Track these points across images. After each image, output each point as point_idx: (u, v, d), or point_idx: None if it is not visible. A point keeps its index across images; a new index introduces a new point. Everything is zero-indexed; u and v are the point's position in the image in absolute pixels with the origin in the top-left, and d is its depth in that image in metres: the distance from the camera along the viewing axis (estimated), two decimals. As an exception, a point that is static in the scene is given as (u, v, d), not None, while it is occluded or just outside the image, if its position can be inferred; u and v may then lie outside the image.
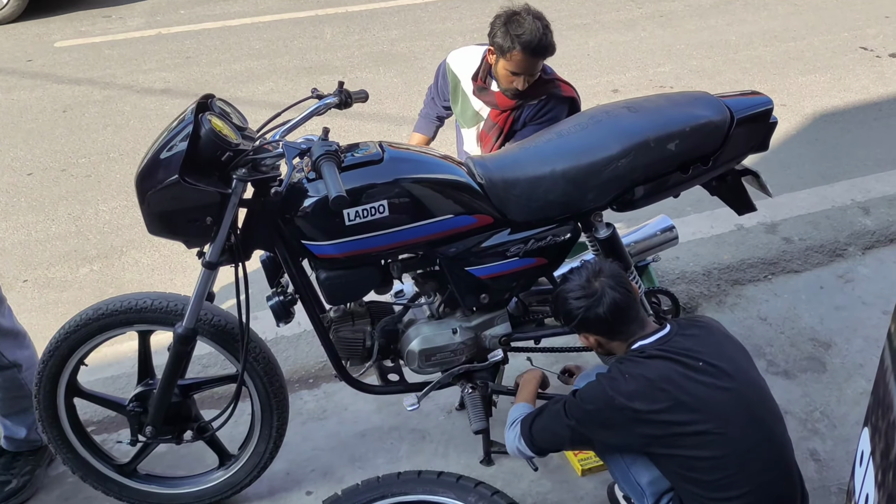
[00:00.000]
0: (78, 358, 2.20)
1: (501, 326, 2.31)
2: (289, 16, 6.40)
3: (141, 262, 3.61)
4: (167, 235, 2.00)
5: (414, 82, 5.22)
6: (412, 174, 2.05)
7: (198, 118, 1.88)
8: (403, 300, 2.36)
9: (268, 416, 2.30)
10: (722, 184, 2.43)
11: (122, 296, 2.18)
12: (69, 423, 2.29)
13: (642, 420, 1.86)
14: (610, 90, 5.07)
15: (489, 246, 2.16)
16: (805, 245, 3.61)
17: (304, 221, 2.00)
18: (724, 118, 2.22)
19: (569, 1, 6.60)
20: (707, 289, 3.39)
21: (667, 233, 2.71)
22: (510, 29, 2.50)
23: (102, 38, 6.05)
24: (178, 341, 2.07)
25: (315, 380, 2.92)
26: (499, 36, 2.54)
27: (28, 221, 3.91)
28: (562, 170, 2.13)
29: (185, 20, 6.39)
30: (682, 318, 2.40)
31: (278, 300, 2.16)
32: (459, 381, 2.35)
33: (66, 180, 4.24)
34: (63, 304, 3.34)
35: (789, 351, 3.03)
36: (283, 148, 1.88)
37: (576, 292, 1.99)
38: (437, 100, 3.00)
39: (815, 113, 4.76)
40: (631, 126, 2.18)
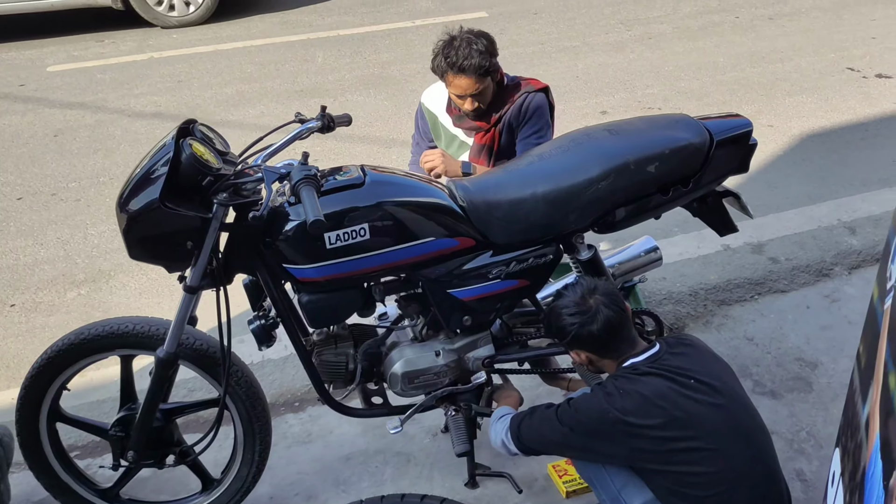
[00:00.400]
0: (60, 383, 2.20)
1: (485, 348, 2.32)
2: (281, 39, 6.45)
3: (129, 285, 3.61)
4: (148, 260, 2.01)
5: (404, 105, 5.25)
6: (393, 197, 2.06)
7: (179, 143, 1.90)
8: (387, 323, 2.37)
9: (250, 440, 2.29)
10: (703, 205, 2.45)
11: (104, 320, 2.18)
12: (51, 448, 2.28)
13: (636, 435, 1.88)
14: (598, 112, 5.10)
15: (471, 268, 2.18)
16: (791, 265, 3.62)
17: (285, 245, 2.01)
18: (704, 140, 2.24)
19: (558, 24, 6.65)
20: (694, 309, 3.39)
21: (651, 254, 2.72)
22: (444, 53, 2.57)
23: (95, 63, 6.09)
24: (160, 365, 2.07)
25: (301, 403, 2.91)
26: (436, 61, 2.61)
27: (17, 246, 3.92)
28: (542, 192, 2.15)
29: (178, 44, 6.43)
30: (669, 336, 2.41)
31: (260, 324, 2.16)
32: (443, 403, 2.35)
33: (56, 205, 4.25)
34: (50, 329, 3.34)
35: (776, 371, 3.03)
36: (262, 172, 1.89)
37: (570, 308, 2.01)
38: (423, 142, 3.02)
39: (802, 133, 4.80)
40: (611, 148, 2.20)
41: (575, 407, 1.98)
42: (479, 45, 2.55)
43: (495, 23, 6.71)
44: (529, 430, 2.05)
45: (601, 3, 7.10)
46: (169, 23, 6.70)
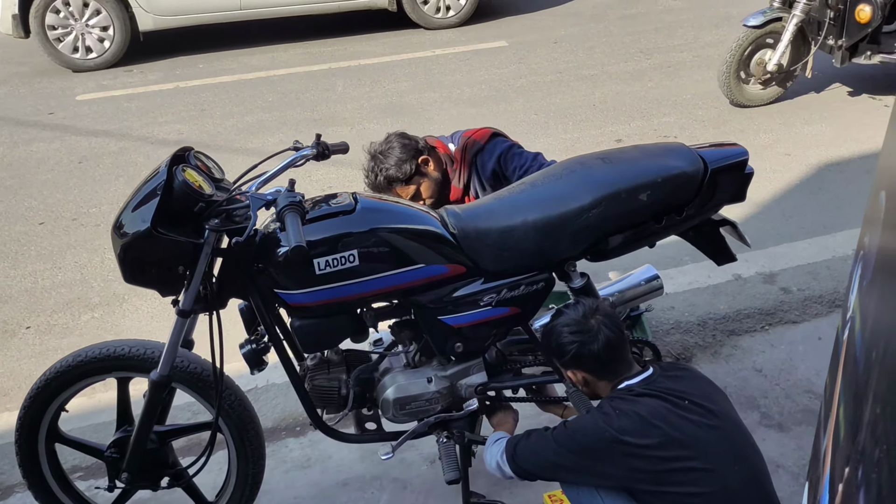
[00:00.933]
0: (58, 404, 2.24)
1: (477, 376, 2.31)
2: (303, 69, 6.57)
3: (141, 309, 3.67)
4: (142, 284, 2.06)
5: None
6: (384, 224, 2.08)
7: (171, 170, 1.94)
8: (381, 349, 2.38)
9: (243, 463, 2.31)
10: (699, 234, 2.43)
11: (101, 343, 2.22)
12: (49, 468, 2.32)
13: (634, 454, 1.87)
14: (613, 140, 5.10)
15: (462, 295, 2.18)
16: (804, 295, 3.57)
17: (275, 270, 2.04)
18: (698, 169, 2.24)
19: (578, 53, 6.69)
20: (702, 339, 3.35)
21: (652, 282, 2.72)
22: (367, 178, 2.77)
23: (122, 92, 6.25)
24: (153, 388, 2.10)
25: (302, 428, 2.93)
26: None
27: (36, 269, 4.02)
28: (533, 220, 2.15)
29: (203, 74, 6.59)
30: (662, 362, 2.40)
31: (250, 348, 2.19)
32: (435, 430, 2.35)
33: (76, 229, 4.36)
34: (62, 351, 3.38)
35: (784, 403, 2.97)
36: (249, 199, 1.93)
37: (571, 327, 2.01)
38: None
39: (820, 163, 4.74)
40: (603, 177, 2.21)
41: (571, 427, 1.98)
42: (388, 161, 2.68)
43: (515, 52, 6.78)
44: (525, 452, 2.04)
45: (621, 32, 7.13)
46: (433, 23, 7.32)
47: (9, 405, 3.14)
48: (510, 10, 8.01)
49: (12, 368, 3.35)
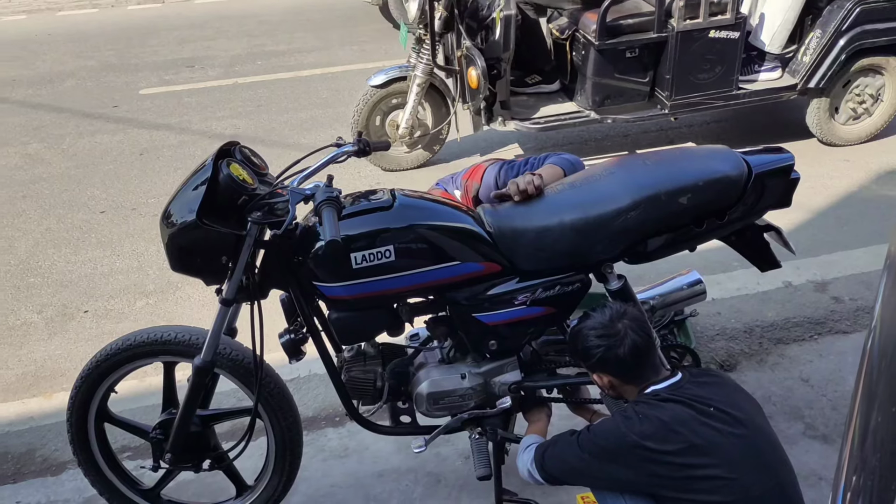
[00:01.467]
0: (108, 385, 2.34)
1: (511, 374, 2.33)
2: (358, 66, 6.65)
3: (193, 297, 3.79)
4: (187, 272, 2.13)
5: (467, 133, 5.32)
6: (421, 221, 2.11)
7: (217, 164, 2.01)
8: (416, 343, 2.42)
9: (281, 449, 2.37)
10: (742, 239, 2.40)
11: (150, 328, 2.31)
12: (99, 447, 2.42)
13: (654, 460, 1.87)
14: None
15: (497, 293, 2.20)
16: (856, 305, 3.48)
17: (314, 263, 2.09)
18: (742, 173, 2.21)
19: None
20: (748, 346, 3.30)
21: (694, 287, 2.69)
22: None
23: (184, 87, 6.43)
24: (196, 373, 2.18)
25: (341, 418, 2.98)
26: None
27: (95, 256, 4.18)
28: (570, 220, 2.15)
29: (261, 70, 6.73)
30: (692, 368, 2.37)
31: (289, 338, 2.24)
32: (468, 426, 2.37)
33: (135, 219, 4.51)
34: (117, 335, 3.42)
35: (830, 415, 2.91)
36: (288, 193, 1.98)
37: (598, 330, 2.01)
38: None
39: (881, 169, 4.61)
40: (643, 178, 2.19)
41: (594, 432, 1.99)
42: None
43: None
44: (552, 459, 2.06)
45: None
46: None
47: (65, 385, 3.27)
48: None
49: (70, 350, 3.50)
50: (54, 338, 3.59)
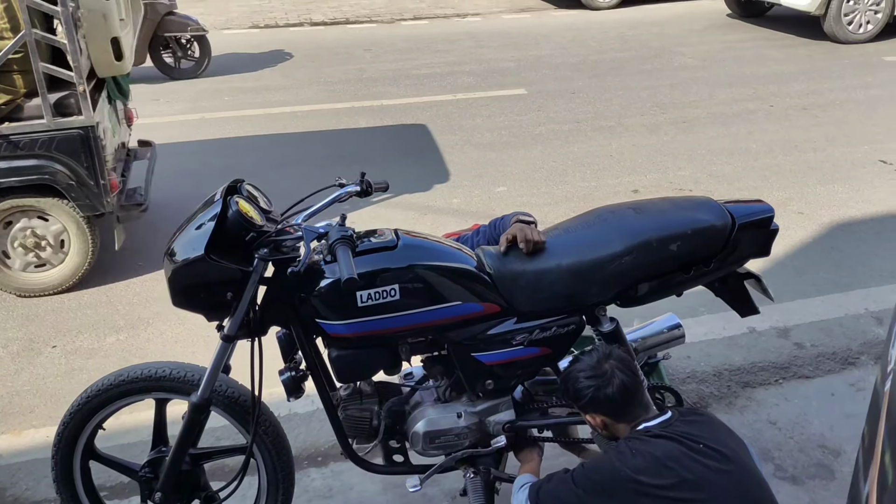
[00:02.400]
0: (97, 422, 2.30)
1: (506, 413, 2.37)
2: (327, 106, 6.72)
3: (166, 333, 3.74)
4: (189, 308, 2.13)
5: (440, 174, 5.43)
6: (424, 261, 2.16)
7: (226, 200, 2.03)
8: (412, 382, 2.44)
9: (273, 489, 2.36)
10: (725, 286, 2.51)
11: (143, 364, 2.29)
12: (83, 485, 2.36)
13: (648, 494, 1.92)
14: (630, 190, 5.21)
15: (495, 333, 2.25)
16: (817, 351, 3.63)
17: (318, 301, 2.11)
18: (726, 223, 2.32)
19: (595, 104, 6.84)
20: (717, 389, 3.41)
21: (674, 331, 2.78)
22: None
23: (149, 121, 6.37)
24: (193, 410, 2.16)
25: (324, 458, 2.97)
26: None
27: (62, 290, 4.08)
28: (567, 264, 2.23)
29: (229, 106, 6.74)
30: (681, 407, 2.45)
31: (290, 375, 2.25)
32: (462, 465, 2.40)
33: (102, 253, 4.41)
34: (87, 371, 3.46)
35: (798, 456, 3.02)
36: (302, 231, 2.01)
37: (587, 372, 2.09)
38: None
39: (833, 222, 4.84)
40: (635, 226, 2.29)
41: (588, 467, 2.05)
42: None
43: (534, 100, 6.93)
44: (547, 496, 2.09)
45: (637, 86, 7.29)
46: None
47: (34, 422, 3.18)
48: (531, 59, 8.20)
49: (38, 386, 3.41)
50: (21, 373, 3.49)
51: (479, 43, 8.87)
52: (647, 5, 10.53)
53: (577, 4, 10.44)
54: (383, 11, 10.50)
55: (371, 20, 10.10)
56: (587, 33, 9.26)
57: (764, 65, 7.92)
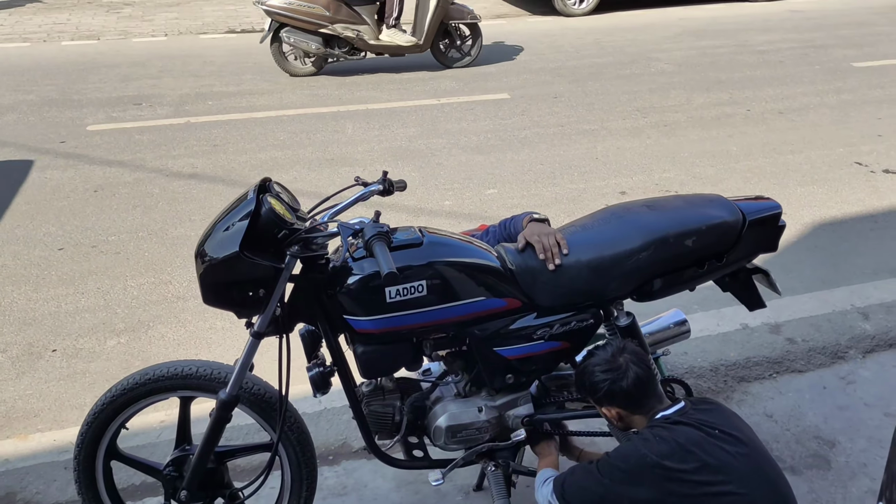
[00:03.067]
0: (121, 422, 2.29)
1: (524, 407, 2.42)
2: (312, 110, 6.73)
3: (167, 336, 3.72)
4: (221, 305, 2.14)
5: (430, 177, 5.47)
6: (449, 258, 2.21)
7: (259, 198, 2.05)
8: (430, 378, 2.48)
9: (297, 486, 2.37)
10: (734, 280, 2.60)
11: (168, 362, 2.29)
12: (105, 486, 2.36)
13: (673, 479, 1.99)
14: (618, 192, 5.30)
15: (517, 328, 2.30)
16: (808, 346, 3.74)
17: (346, 297, 2.14)
18: (737, 219, 2.41)
19: (578, 108, 6.94)
20: (714, 384, 3.50)
21: (679, 326, 2.85)
22: None
23: (133, 124, 6.34)
24: (221, 407, 2.17)
25: (335, 457, 2.99)
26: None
27: (58, 294, 4.05)
28: (587, 260, 2.29)
29: (213, 111, 6.71)
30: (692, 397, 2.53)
31: (318, 371, 2.27)
32: (482, 459, 2.44)
33: (97, 256, 4.40)
34: (91, 375, 3.44)
35: (795, 448, 3.11)
36: (338, 228, 2.04)
37: (602, 366, 2.16)
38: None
39: (814, 222, 4.98)
40: (652, 222, 2.36)
41: (613, 456, 2.11)
42: None
43: (517, 104, 7.01)
44: (572, 487, 2.15)
45: (618, 90, 7.41)
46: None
47: (40, 426, 3.16)
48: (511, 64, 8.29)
49: (41, 390, 3.38)
50: (23, 377, 3.45)
51: (458, 48, 8.92)
52: (621, 12, 10.69)
53: (551, 11, 10.56)
54: (361, 16, 10.50)
55: (349, 25, 10.09)
56: (564, 39, 9.38)
57: (738, 70, 8.10)
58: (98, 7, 10.71)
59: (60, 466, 2.86)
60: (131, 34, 9.38)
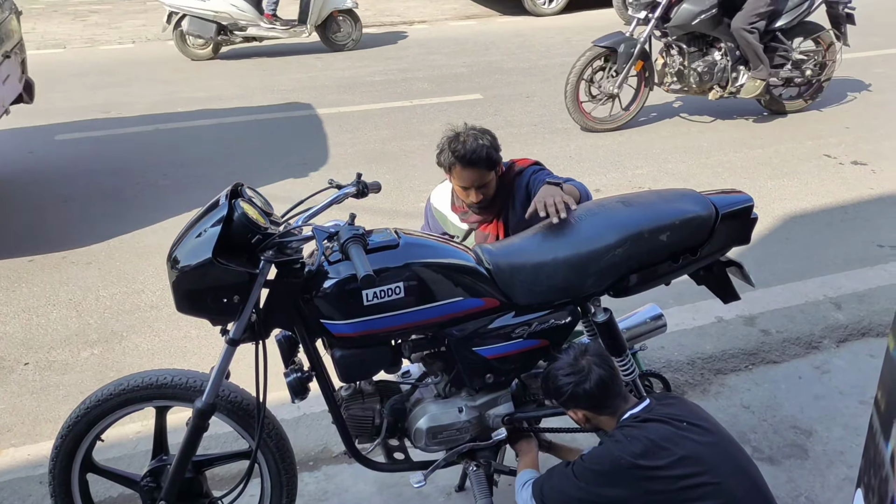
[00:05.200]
0: (96, 433, 2.26)
1: (504, 406, 2.42)
2: (283, 115, 6.69)
3: (141, 346, 3.68)
4: (195, 313, 2.11)
5: (405, 179, 5.46)
6: (426, 259, 2.20)
7: (231, 203, 2.03)
8: (410, 380, 2.47)
9: (277, 492, 2.35)
10: (708, 274, 2.61)
11: (143, 372, 2.26)
12: (81, 499, 2.32)
13: (650, 477, 2.00)
14: (593, 190, 5.25)
15: (495, 327, 2.30)
16: (782, 337, 3.78)
17: (323, 301, 2.13)
18: (710, 213, 2.42)
19: (550, 107, 6.96)
20: (691, 377, 3.52)
21: (656, 321, 2.86)
22: (451, 146, 2.65)
23: (102, 133, 6.27)
24: (198, 416, 2.14)
25: (315, 462, 2.97)
26: (442, 155, 2.68)
27: (29, 306, 3.99)
28: (563, 257, 2.30)
29: (183, 117, 6.65)
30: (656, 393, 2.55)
31: (296, 376, 2.25)
32: (464, 459, 2.44)
33: (67, 267, 4.34)
34: (64, 387, 3.39)
35: (772, 438, 3.14)
36: (313, 231, 2.03)
37: (565, 369, 2.16)
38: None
39: (786, 214, 5.04)
40: (626, 218, 2.37)
41: (588, 459, 2.11)
42: (484, 140, 2.64)
43: (490, 104, 7.02)
44: (551, 492, 2.15)
45: (589, 89, 7.45)
46: None
47: (13, 441, 3.10)
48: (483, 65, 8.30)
49: (14, 404, 3.32)
50: (-6, 392, 3.40)
51: (429, 50, 8.94)
52: (589, 11, 10.75)
53: (521, 11, 10.60)
54: (330, 20, 10.47)
55: (318, 29, 10.06)
56: (534, 39, 9.41)
57: (707, 66, 8.16)
58: (64, 15, 10.59)
59: (35, 481, 2.82)
60: (98, 42, 9.27)
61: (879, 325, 3.83)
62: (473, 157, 2.60)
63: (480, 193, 2.68)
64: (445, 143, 2.67)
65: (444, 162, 2.67)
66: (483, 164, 2.62)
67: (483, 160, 2.61)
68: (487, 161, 2.62)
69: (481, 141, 2.63)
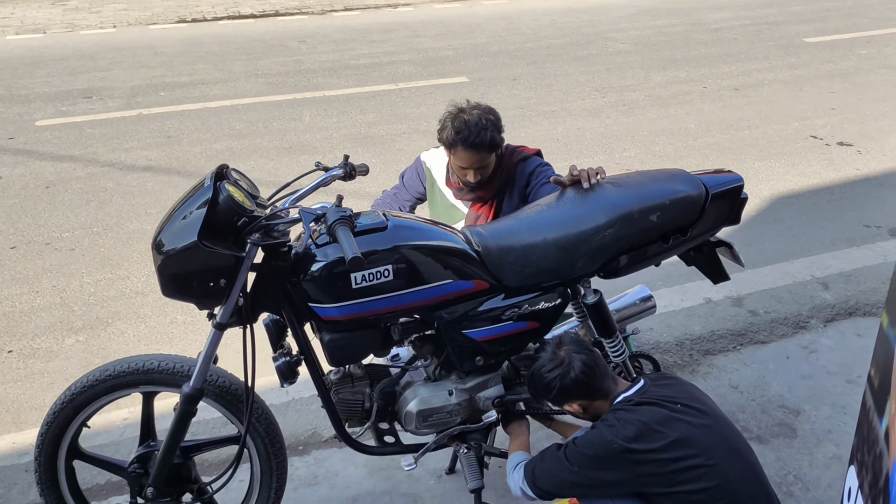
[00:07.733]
0: (81, 420, 2.23)
1: (494, 388, 2.41)
2: (268, 99, 6.62)
3: (126, 332, 3.64)
4: (181, 297, 2.08)
5: (392, 162, 5.42)
6: (415, 241, 2.17)
7: (216, 185, 1.99)
8: (399, 364, 2.45)
9: (267, 477, 2.34)
10: (698, 254, 2.60)
11: (129, 357, 2.23)
12: (68, 486, 2.29)
13: (642, 461, 1.99)
14: (579, 172, 5.30)
15: (485, 310, 2.28)
16: (770, 318, 3.79)
17: (311, 285, 2.10)
18: (700, 193, 2.41)
19: (537, 90, 6.94)
20: (680, 358, 3.53)
21: (645, 302, 2.85)
22: (455, 126, 2.59)
23: (84, 118, 6.18)
24: (185, 401, 2.12)
25: (305, 447, 2.96)
26: (444, 132, 2.63)
27: (12, 293, 3.93)
28: (553, 238, 2.28)
29: (166, 101, 6.56)
30: (651, 374, 2.54)
31: (285, 360, 2.23)
32: (454, 441, 2.42)
33: (50, 254, 4.28)
34: (49, 374, 3.35)
35: (761, 417, 3.16)
36: (300, 214, 2.00)
37: (547, 366, 2.14)
38: (404, 195, 3.01)
39: (773, 195, 5.05)
40: (616, 199, 2.35)
41: (580, 444, 2.09)
42: (489, 122, 2.59)
43: (476, 87, 6.98)
44: (542, 474, 2.14)
45: (576, 71, 7.43)
46: None
47: (-2, 429, 3.07)
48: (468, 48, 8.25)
49: (-3, 392, 3.28)
50: (-23, 380, 3.35)
51: (414, 32, 8.87)
52: (576, -7, 10.72)
53: (507, -7, 10.56)
54: (313, 3, 10.39)
55: (301, 12, 9.98)
56: (520, 21, 9.37)
57: (693, 48, 8.17)
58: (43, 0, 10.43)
59: (21, 469, 2.79)
60: (78, 26, 9.14)
61: (866, 305, 3.85)
62: (477, 140, 2.55)
63: (479, 174, 2.65)
64: (448, 120, 2.62)
65: (445, 139, 2.62)
66: (486, 147, 2.58)
67: (486, 143, 2.57)
68: (490, 144, 2.58)
69: (485, 122, 2.58)
